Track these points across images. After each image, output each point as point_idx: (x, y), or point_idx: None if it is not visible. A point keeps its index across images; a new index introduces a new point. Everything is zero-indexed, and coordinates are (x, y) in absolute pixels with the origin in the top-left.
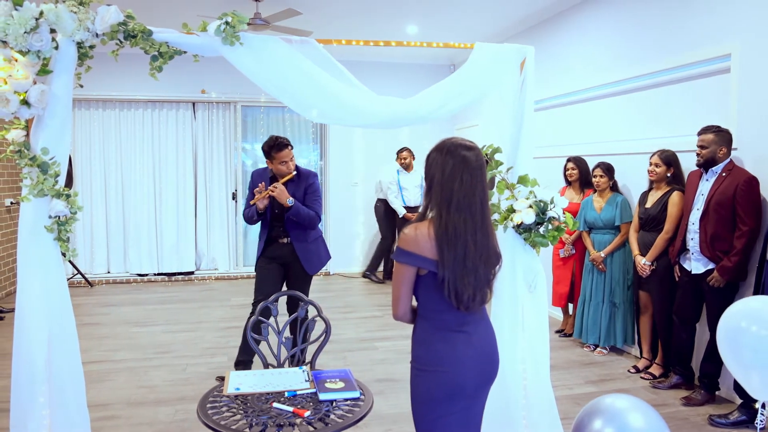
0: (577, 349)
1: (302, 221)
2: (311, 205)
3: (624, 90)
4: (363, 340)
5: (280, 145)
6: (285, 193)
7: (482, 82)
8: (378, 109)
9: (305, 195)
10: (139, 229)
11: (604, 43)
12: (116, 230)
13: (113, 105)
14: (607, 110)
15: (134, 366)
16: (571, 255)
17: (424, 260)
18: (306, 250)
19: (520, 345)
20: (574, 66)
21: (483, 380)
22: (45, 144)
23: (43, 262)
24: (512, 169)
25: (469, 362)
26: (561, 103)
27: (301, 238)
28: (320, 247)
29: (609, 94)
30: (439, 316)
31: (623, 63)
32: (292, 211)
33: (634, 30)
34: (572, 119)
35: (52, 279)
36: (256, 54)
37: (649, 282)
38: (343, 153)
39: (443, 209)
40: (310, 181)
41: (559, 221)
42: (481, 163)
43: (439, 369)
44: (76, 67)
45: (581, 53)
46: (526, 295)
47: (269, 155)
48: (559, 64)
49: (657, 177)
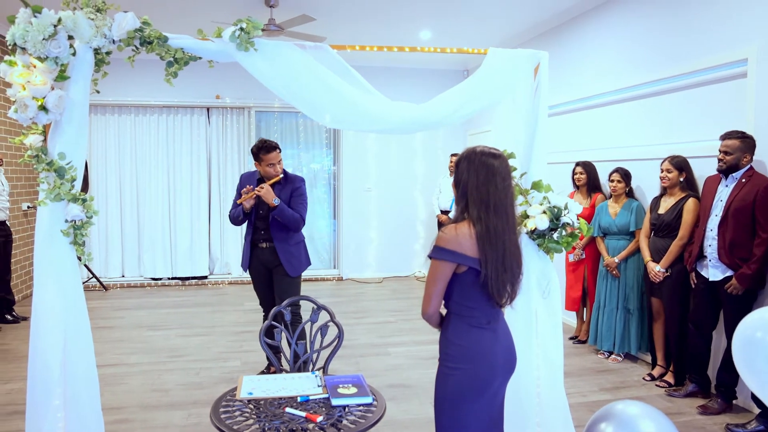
0: (592, 355)
1: (287, 222)
2: (296, 207)
3: (637, 95)
4: (376, 345)
5: (268, 147)
6: (271, 193)
7: (496, 87)
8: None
9: (291, 198)
10: (154, 233)
11: (617, 49)
12: (131, 234)
13: (129, 110)
14: (620, 116)
15: (148, 369)
16: (581, 259)
17: (466, 258)
18: (288, 252)
19: (534, 351)
20: (587, 71)
21: (506, 374)
22: (62, 149)
23: (59, 265)
24: (526, 175)
25: (497, 358)
26: (573, 108)
27: (283, 240)
28: (302, 251)
29: (621, 99)
30: (473, 313)
31: (636, 68)
32: (277, 210)
33: (648, 35)
34: (583, 125)
35: (67, 282)
36: (270, 59)
37: (662, 288)
38: (356, 158)
39: (482, 211)
40: (296, 185)
41: (573, 227)
42: (508, 169)
43: (471, 365)
44: (92, 73)
45: (594, 58)
46: (539, 301)
47: (258, 157)
48: (572, 70)
49: (670, 183)
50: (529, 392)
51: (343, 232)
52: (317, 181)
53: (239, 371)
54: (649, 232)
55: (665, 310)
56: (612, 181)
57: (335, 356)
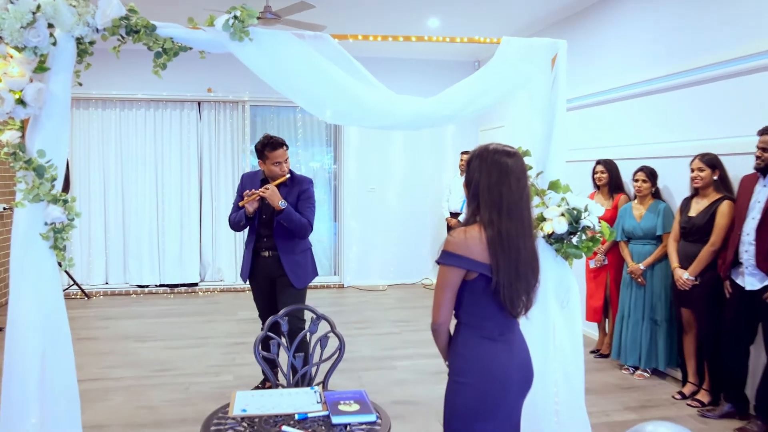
0: (615, 371)
1: (293, 227)
2: (304, 212)
3: (665, 87)
4: (380, 358)
5: (274, 144)
6: (277, 194)
7: (510, 79)
8: (397, 109)
9: (298, 201)
10: (140, 237)
11: (643, 36)
12: (115, 238)
13: (114, 104)
14: (645, 110)
15: (133, 384)
16: (603, 266)
17: (476, 263)
18: (293, 261)
19: (551, 366)
20: (609, 61)
21: (521, 391)
22: (41, 146)
23: (38, 272)
24: (542, 174)
25: (511, 373)
26: (594, 102)
27: (288, 249)
28: (308, 259)
29: (647, 92)
30: (484, 323)
31: (664, 57)
32: (284, 215)
33: (677, 20)
34: (605, 119)
35: (46, 290)
36: (266, 50)
37: (693, 298)
38: (358, 156)
39: (494, 214)
40: (304, 187)
41: (595, 231)
42: (524, 168)
43: (481, 380)
44: (75, 64)
45: (617, 47)
46: (557, 311)
47: (262, 154)
48: (593, 60)
49: (703, 183)
50: (547, 411)
51: (344, 236)
52: (317, 180)
53: (232, 386)
54: (678, 237)
55: (696, 322)
56: (636, 181)
57: (336, 370)
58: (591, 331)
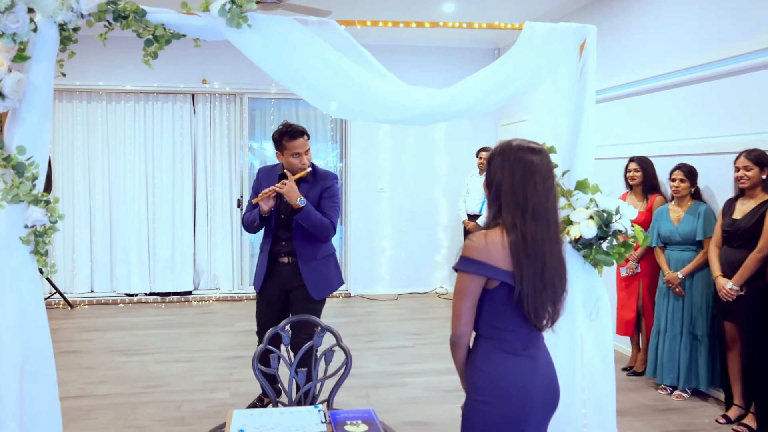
0: (651, 391)
1: (313, 229)
2: (327, 212)
3: (705, 77)
4: (390, 374)
5: (293, 133)
6: (296, 190)
7: (533, 68)
8: (409, 101)
9: (320, 199)
10: (129, 241)
11: (683, 20)
12: (102, 243)
13: (100, 97)
14: (684, 101)
15: (120, 402)
16: (635, 274)
17: (497, 270)
18: (313, 268)
19: (579, 385)
20: (643, 48)
21: (547, 412)
22: (21, 142)
23: (17, 279)
24: (569, 173)
25: (535, 392)
26: (626, 93)
27: (308, 255)
28: (331, 266)
29: (686, 81)
30: (506, 337)
31: (705, 43)
32: (302, 213)
33: (721, 3)
34: (639, 112)
35: (26, 299)
36: (266, 37)
37: (737, 310)
38: (367, 153)
39: (517, 216)
40: (327, 184)
41: (627, 235)
42: (550, 166)
43: (502, 400)
44: (57, 52)
45: (653, 33)
46: (586, 324)
47: (280, 144)
48: (625, 47)
49: (750, 182)
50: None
51: (351, 241)
52: None
53: (228, 404)
54: (720, 242)
55: (742, 337)
56: (674, 180)
57: (342, 387)
58: (623, 346)
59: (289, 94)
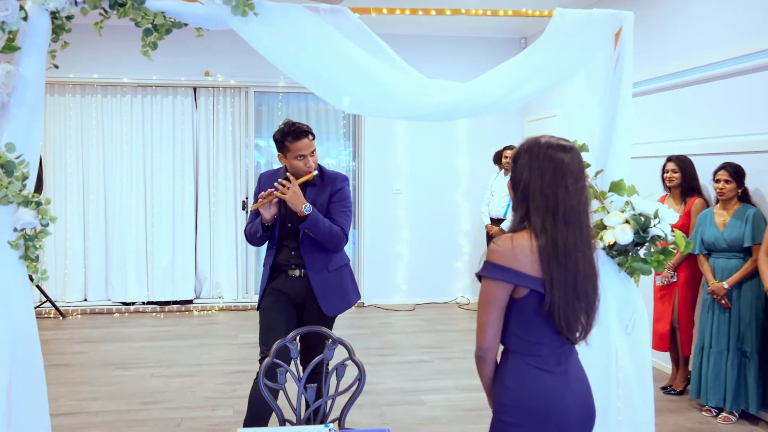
0: (694, 413)
1: (322, 239)
2: (337, 218)
3: (754, 67)
4: (406, 391)
5: (297, 132)
6: (300, 196)
7: (563, 60)
8: (428, 96)
9: (330, 204)
10: (125, 246)
11: (728, 5)
12: (96, 248)
13: (95, 90)
14: (729, 95)
15: (115, 420)
16: (671, 283)
17: (525, 277)
18: (324, 281)
19: (614, 405)
20: (685, 36)
21: None
22: (10, 139)
23: (5, 286)
24: (602, 173)
25: (570, 412)
26: (665, 86)
27: (318, 266)
28: (345, 279)
29: (733, 73)
30: (538, 351)
31: (753, 32)
32: (309, 222)
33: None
34: (679, 107)
35: (15, 308)
36: (274, 26)
37: None
38: (382, 152)
39: (547, 220)
40: (337, 187)
41: (667, 241)
42: (582, 166)
43: (533, 420)
44: (49, 42)
45: (696, 19)
46: (621, 337)
47: (282, 146)
48: (666, 35)
49: None
50: None
51: (365, 246)
52: None
53: (231, 422)
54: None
55: None
56: (718, 181)
57: (354, 404)
58: (662, 363)
59: (299, 87)
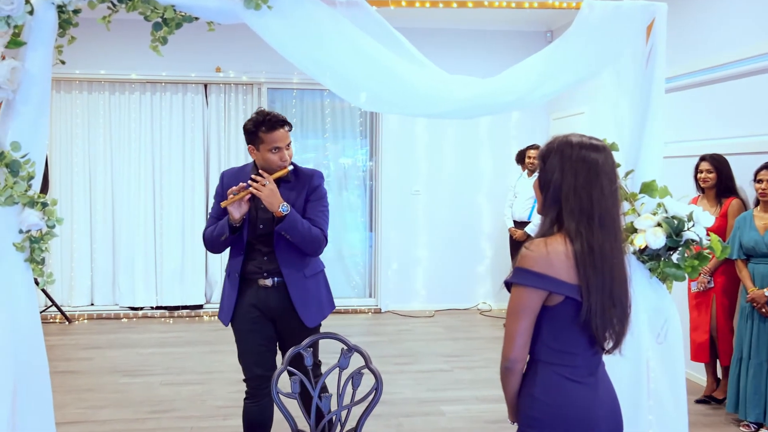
0: (731, 428)
1: (300, 242)
2: (315, 218)
3: None
4: (425, 401)
5: (272, 122)
6: (277, 193)
7: (592, 54)
8: (449, 92)
9: (306, 203)
10: (133, 249)
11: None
12: (103, 250)
13: (102, 87)
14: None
15: (123, 429)
16: (708, 289)
17: (561, 284)
18: (303, 289)
19: (644, 418)
20: (722, 29)
21: None
22: (16, 137)
23: (10, 290)
24: (633, 174)
25: (600, 422)
26: (700, 81)
27: (295, 273)
28: (321, 286)
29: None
30: (571, 361)
31: None
32: (286, 223)
33: None
34: (714, 104)
35: (20, 313)
36: (288, 20)
37: None
38: (400, 151)
39: (582, 224)
40: (315, 184)
41: (701, 245)
42: (614, 167)
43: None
44: (56, 37)
45: (733, 11)
46: (653, 347)
47: (255, 136)
48: (701, 27)
49: None
50: None
51: (382, 250)
52: (348, 181)
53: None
54: None
55: None
56: (760, 182)
57: (371, 414)
58: (697, 375)
59: (314, 83)
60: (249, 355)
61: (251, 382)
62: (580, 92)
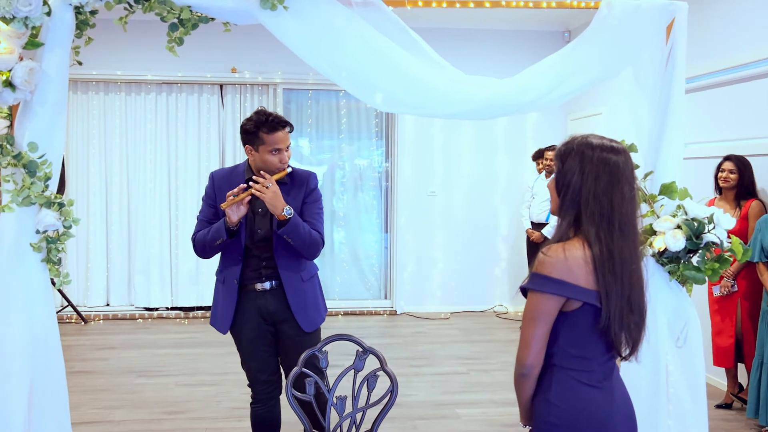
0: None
1: (301, 245)
2: (313, 221)
3: None
4: (440, 404)
5: (274, 123)
6: (280, 196)
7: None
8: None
9: (303, 205)
10: (149, 249)
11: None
12: (119, 251)
13: (119, 87)
14: None
15: (138, 429)
16: (731, 293)
17: (579, 290)
18: (300, 293)
19: (664, 423)
20: (743, 28)
21: None
22: (33, 138)
23: (27, 290)
24: (652, 175)
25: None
26: (722, 81)
27: (293, 277)
28: (317, 290)
29: None
30: (587, 366)
31: None
32: (289, 227)
33: None
34: (736, 104)
35: (37, 313)
36: (304, 20)
37: None
38: (416, 153)
39: (602, 229)
40: (311, 186)
41: (722, 248)
42: (633, 170)
43: None
44: (73, 38)
45: (755, 9)
46: (672, 351)
47: (255, 138)
48: (722, 26)
49: None
50: None
51: (397, 251)
52: (364, 182)
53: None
54: None
55: None
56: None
57: (386, 417)
58: (718, 380)
59: (329, 84)
60: (252, 362)
61: (256, 387)
62: (598, 92)
